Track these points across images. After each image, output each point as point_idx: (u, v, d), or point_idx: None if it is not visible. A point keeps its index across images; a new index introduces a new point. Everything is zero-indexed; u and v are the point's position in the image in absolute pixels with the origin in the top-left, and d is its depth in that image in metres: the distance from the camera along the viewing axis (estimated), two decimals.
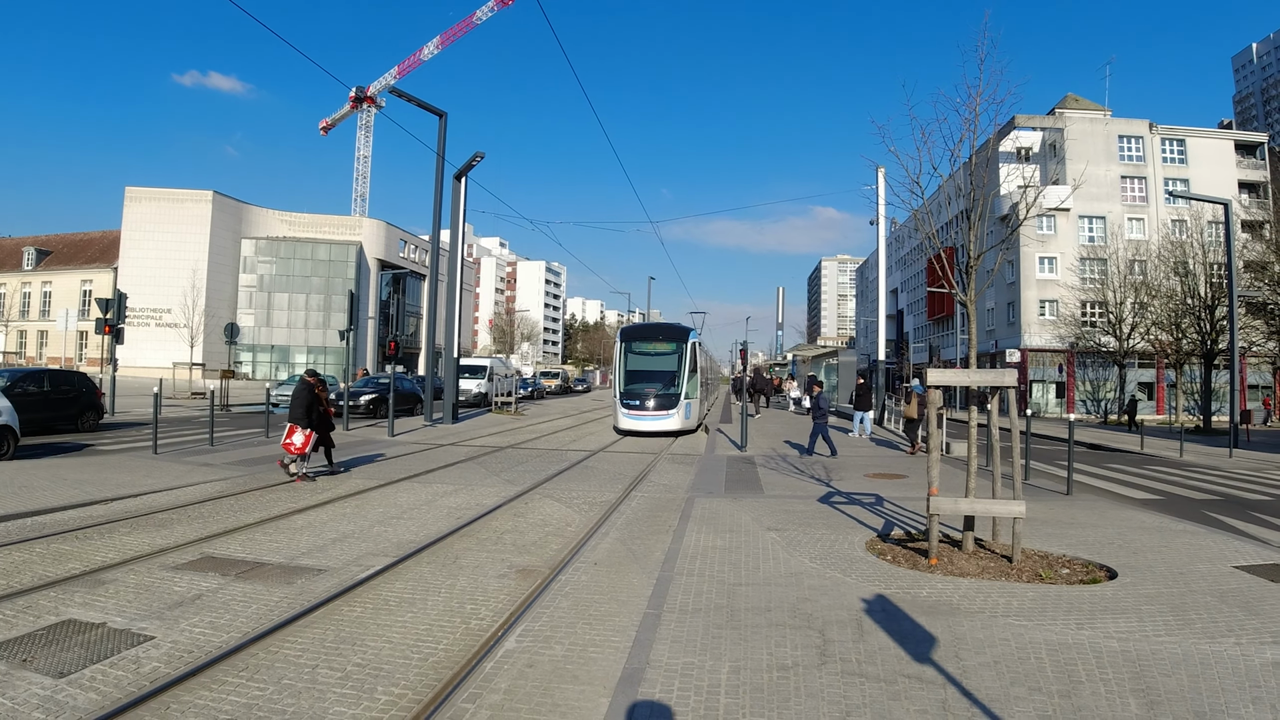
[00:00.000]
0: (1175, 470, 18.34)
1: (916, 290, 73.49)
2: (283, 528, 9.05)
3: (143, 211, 62.35)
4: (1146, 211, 49.94)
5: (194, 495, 11.08)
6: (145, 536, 8.39)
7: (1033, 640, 5.45)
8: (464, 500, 11.27)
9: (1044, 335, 48.31)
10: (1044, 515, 10.50)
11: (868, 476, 14.68)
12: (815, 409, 19.13)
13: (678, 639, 5.39)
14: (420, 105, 24.89)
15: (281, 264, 67.59)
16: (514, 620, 5.80)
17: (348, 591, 6.48)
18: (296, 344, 67.05)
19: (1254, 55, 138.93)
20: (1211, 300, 33.91)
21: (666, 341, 24.29)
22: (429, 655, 5.14)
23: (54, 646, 5.11)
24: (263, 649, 5.16)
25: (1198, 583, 7.13)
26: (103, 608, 5.92)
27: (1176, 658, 5.15)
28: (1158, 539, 9.19)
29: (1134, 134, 51.23)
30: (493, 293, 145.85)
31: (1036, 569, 7.51)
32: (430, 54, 75.14)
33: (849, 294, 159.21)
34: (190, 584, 6.63)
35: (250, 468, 13.92)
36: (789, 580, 6.98)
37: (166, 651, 5.09)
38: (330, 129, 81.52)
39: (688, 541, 8.57)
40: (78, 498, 10.45)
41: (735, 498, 11.88)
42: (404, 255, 77.44)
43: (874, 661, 5.00)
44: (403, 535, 8.80)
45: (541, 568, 7.50)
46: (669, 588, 6.66)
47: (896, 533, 9.31)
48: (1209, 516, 11.68)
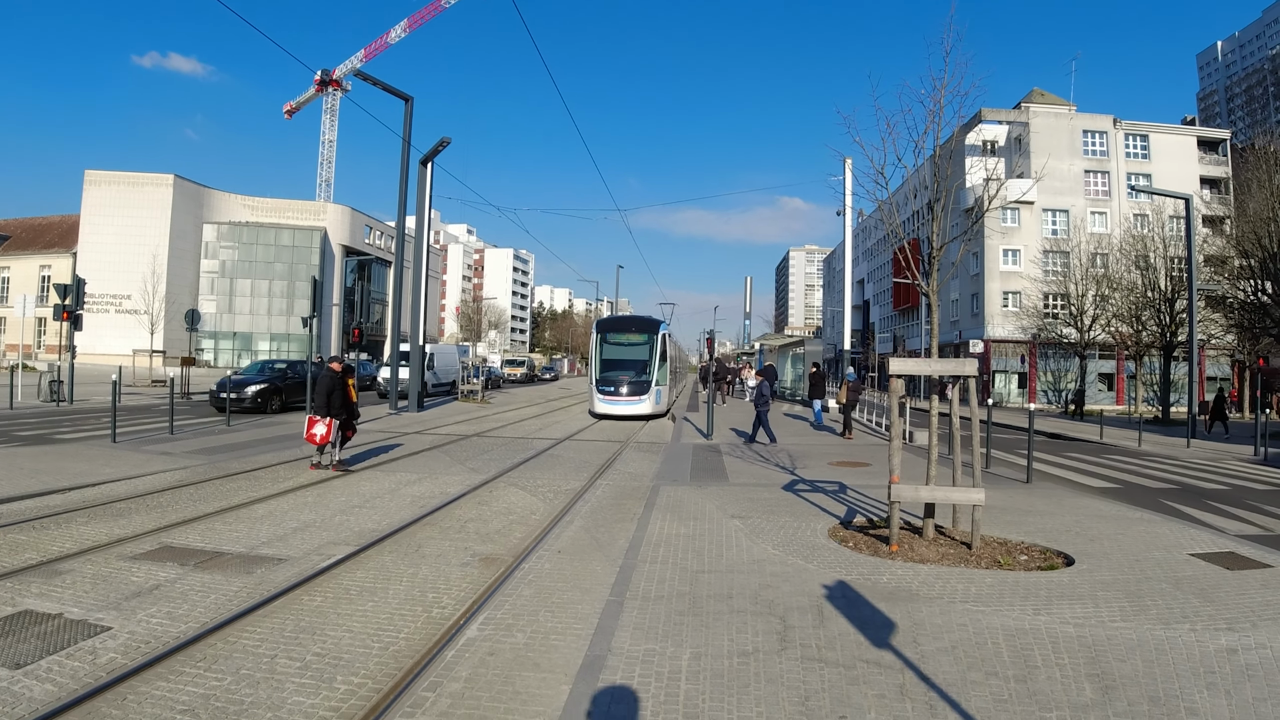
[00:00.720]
0: (1133, 460, 18.66)
1: (883, 281, 74.07)
2: (243, 517, 8.95)
3: (102, 195, 61.25)
4: (1109, 205, 50.67)
5: (153, 484, 10.91)
6: (103, 526, 8.25)
7: (990, 626, 5.51)
8: (428, 489, 11.21)
9: (1007, 326, 48.91)
10: (1004, 503, 10.64)
11: (832, 464, 14.79)
12: (758, 396, 19.62)
13: (640, 626, 5.40)
14: (386, 89, 24.63)
15: (244, 250, 66.71)
16: (476, 609, 5.78)
17: (308, 581, 6.42)
18: (259, 331, 66.28)
19: (1219, 53, 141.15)
20: (1171, 293, 34.50)
21: (639, 333, 26.70)
22: (389, 644, 5.11)
23: (10, 638, 5.02)
24: (221, 639, 5.10)
25: (1154, 570, 7.24)
26: (59, 598, 5.82)
27: (1132, 643, 5.23)
28: (1115, 527, 9.32)
29: (1098, 129, 51.93)
30: (460, 280, 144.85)
31: (995, 556, 7.60)
32: (398, 37, 74.23)
33: (816, 284, 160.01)
34: (148, 574, 6.53)
35: (210, 456, 13.73)
36: (751, 567, 7.02)
37: (124, 642, 5.02)
38: (295, 112, 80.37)
39: (652, 529, 8.58)
40: (34, 487, 10.25)
41: (700, 486, 11.92)
42: (369, 241, 76.75)
43: (834, 647, 5.05)
44: (365, 524, 8.73)
45: (505, 556, 7.48)
46: (632, 575, 6.67)
47: (859, 520, 9.40)
48: (1166, 505, 11.88)
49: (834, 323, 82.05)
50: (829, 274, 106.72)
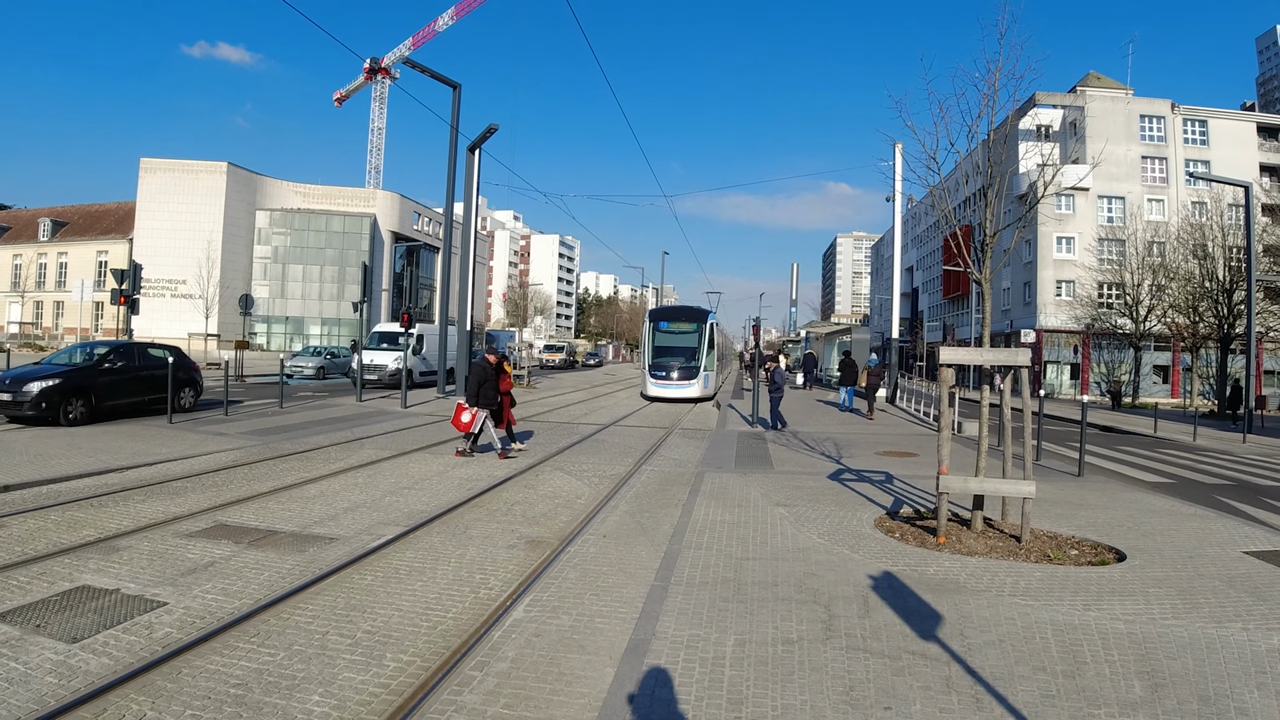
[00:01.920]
0: (1188, 454, 18.24)
1: (932, 269, 73.00)
2: (295, 497, 9.14)
3: (157, 182, 62.56)
4: (1166, 193, 49.39)
5: (208, 464, 11.18)
6: (159, 504, 8.48)
7: (1038, 620, 5.45)
8: (475, 471, 11.34)
9: (1060, 316, 47.97)
10: (1054, 496, 10.48)
11: (878, 454, 14.67)
12: (771, 384, 19.92)
13: (684, 611, 5.42)
14: (434, 76, 24.80)
15: (296, 235, 67.76)
16: (522, 590, 5.85)
17: (359, 560, 6.55)
18: (311, 315, 67.35)
19: (1278, 37, 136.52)
20: (1230, 284, 33.57)
21: (689, 322, 28.63)
22: (438, 624, 5.20)
23: (67, 612, 5.18)
24: (274, 615, 5.22)
25: (1206, 567, 7.10)
26: (116, 574, 5.99)
27: (1183, 641, 5.14)
28: (1167, 522, 9.15)
29: (1155, 114, 50.58)
30: (506, 266, 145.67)
31: (1045, 549, 7.50)
32: (445, 25, 74.61)
33: (864, 271, 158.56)
34: (203, 551, 6.70)
35: (264, 437, 14.02)
36: (796, 555, 7.00)
37: (179, 617, 5.15)
38: (345, 100, 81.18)
39: (696, 515, 8.59)
40: (93, 466, 10.54)
41: (745, 473, 11.90)
42: (418, 228, 77.50)
43: (879, 637, 5.02)
44: (414, 505, 8.87)
45: (550, 539, 7.56)
46: (676, 561, 6.69)
47: (905, 510, 9.31)
48: (1220, 501, 11.62)
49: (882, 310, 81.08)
50: (877, 261, 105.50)
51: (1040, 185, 8.91)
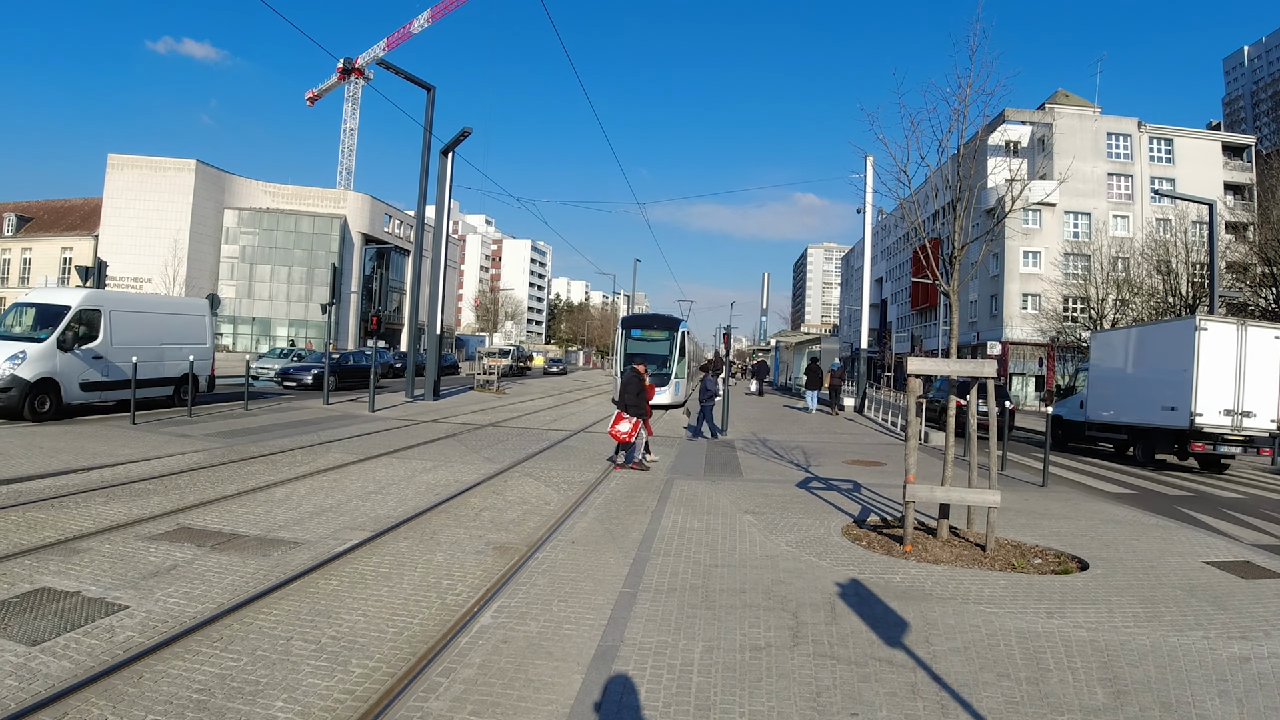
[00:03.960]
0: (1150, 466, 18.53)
1: (901, 280, 73.72)
2: (260, 500, 9.02)
3: (125, 179, 61.72)
4: (1131, 209, 50.28)
5: (171, 466, 11.01)
6: (121, 506, 8.34)
7: (1003, 627, 5.50)
8: (443, 477, 11.27)
9: (1026, 329, 48.65)
10: (1019, 505, 10.60)
11: (846, 463, 14.76)
12: (703, 391, 20.21)
13: (652, 618, 5.42)
14: (409, 78, 24.69)
15: (264, 235, 67.10)
16: (490, 596, 5.81)
17: (324, 565, 6.48)
18: (278, 317, 66.68)
19: (1245, 58, 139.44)
20: (1193, 300, 34.18)
21: (661, 329, 28.98)
22: (404, 629, 5.15)
23: (28, 614, 5.08)
24: (237, 620, 5.15)
25: (1168, 576, 7.21)
26: (77, 576, 5.88)
27: (1145, 649, 5.21)
28: (1130, 532, 9.28)
29: (1122, 131, 51.54)
30: (478, 271, 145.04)
31: (1009, 558, 7.58)
32: (421, 27, 74.48)
33: (834, 281, 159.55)
34: (166, 554, 6.59)
35: (228, 440, 13.84)
36: (764, 563, 7.03)
37: (140, 621, 5.07)
38: (317, 100, 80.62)
39: (665, 522, 8.60)
40: (54, 466, 10.38)
41: (714, 480, 11.93)
42: (389, 230, 76.99)
43: (846, 644, 5.05)
44: (381, 510, 8.79)
45: (519, 545, 7.52)
46: (645, 567, 6.70)
47: (873, 519, 9.39)
48: (1182, 512, 11.80)
49: (851, 320, 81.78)
50: (847, 272, 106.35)
51: (1008, 200, 9.03)
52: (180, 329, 19.61)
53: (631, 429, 12.64)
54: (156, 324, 18.81)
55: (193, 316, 20.42)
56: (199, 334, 20.31)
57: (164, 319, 19.27)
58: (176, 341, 19.23)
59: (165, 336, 18.90)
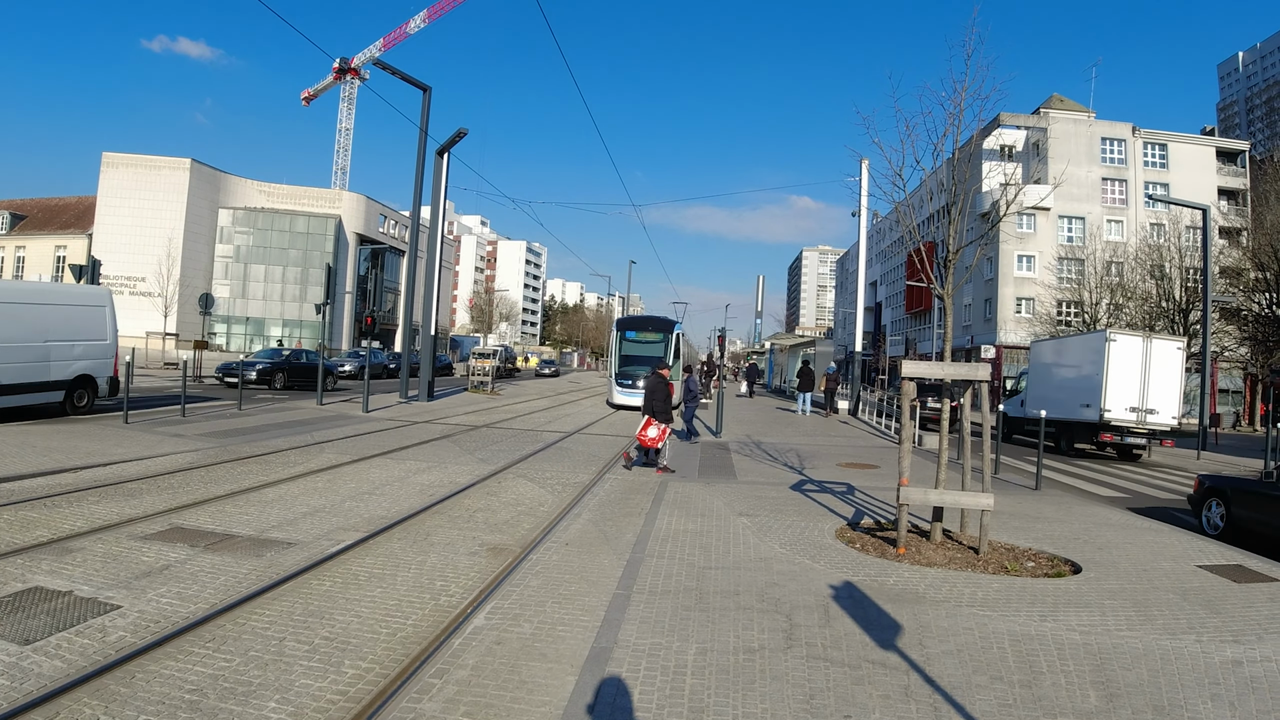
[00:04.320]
0: (1143, 470, 18.61)
1: (896, 284, 73.93)
2: (254, 500, 9.00)
3: (119, 177, 61.50)
4: (1125, 214, 50.46)
5: (165, 466, 10.98)
6: (114, 505, 8.32)
7: (996, 631, 5.51)
8: (437, 478, 11.25)
9: (1020, 332, 48.73)
10: (1012, 509, 10.62)
11: (840, 466, 14.78)
12: (686, 393, 20.54)
13: (646, 620, 5.41)
14: (405, 79, 24.66)
15: (259, 235, 66.88)
16: (484, 598, 5.81)
17: (317, 565, 6.46)
18: (272, 316, 66.48)
19: (1240, 64, 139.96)
20: (1186, 304, 34.31)
21: (655, 331, 29.15)
22: (397, 630, 5.14)
23: (20, 614, 5.06)
24: (230, 621, 5.14)
25: (1161, 580, 7.23)
26: (69, 576, 5.86)
27: (1137, 652, 5.23)
28: (1123, 536, 9.31)
29: (1117, 136, 51.72)
30: (473, 272, 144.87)
31: (1003, 561, 7.59)
32: (417, 27, 74.22)
33: (829, 284, 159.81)
34: (158, 554, 6.57)
35: (222, 439, 13.81)
36: (758, 565, 7.03)
37: (133, 621, 5.05)
38: (313, 100, 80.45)
39: (659, 524, 8.60)
40: (46, 465, 10.35)
41: (708, 483, 11.93)
42: (383, 230, 76.82)
43: (839, 646, 5.06)
44: (374, 511, 8.77)
45: (513, 546, 7.52)
46: (639, 569, 6.69)
47: (866, 521, 9.40)
48: (1175, 516, 11.85)
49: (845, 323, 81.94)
50: (842, 275, 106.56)
51: (1002, 204, 9.05)
52: (73, 323, 16.58)
53: (660, 434, 12.82)
54: (37, 317, 15.72)
55: (90, 308, 17.32)
56: (98, 328, 17.26)
57: (48, 311, 16.08)
58: (67, 338, 16.26)
59: (51, 332, 15.85)
